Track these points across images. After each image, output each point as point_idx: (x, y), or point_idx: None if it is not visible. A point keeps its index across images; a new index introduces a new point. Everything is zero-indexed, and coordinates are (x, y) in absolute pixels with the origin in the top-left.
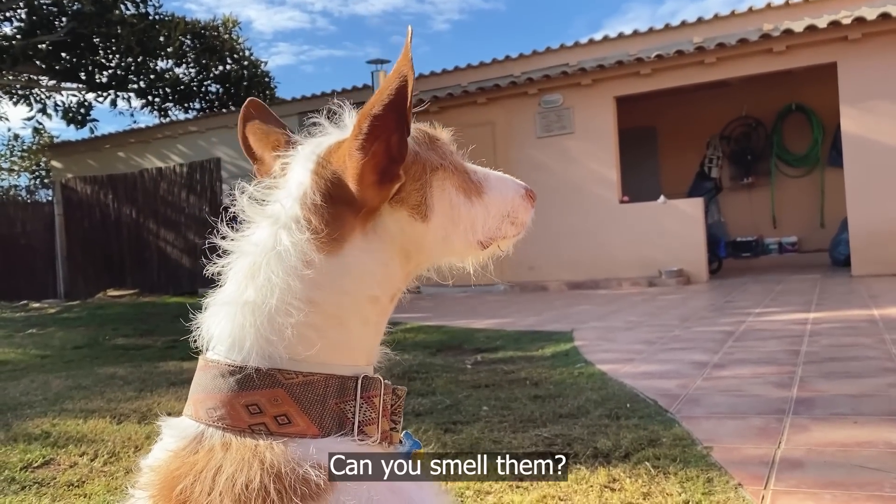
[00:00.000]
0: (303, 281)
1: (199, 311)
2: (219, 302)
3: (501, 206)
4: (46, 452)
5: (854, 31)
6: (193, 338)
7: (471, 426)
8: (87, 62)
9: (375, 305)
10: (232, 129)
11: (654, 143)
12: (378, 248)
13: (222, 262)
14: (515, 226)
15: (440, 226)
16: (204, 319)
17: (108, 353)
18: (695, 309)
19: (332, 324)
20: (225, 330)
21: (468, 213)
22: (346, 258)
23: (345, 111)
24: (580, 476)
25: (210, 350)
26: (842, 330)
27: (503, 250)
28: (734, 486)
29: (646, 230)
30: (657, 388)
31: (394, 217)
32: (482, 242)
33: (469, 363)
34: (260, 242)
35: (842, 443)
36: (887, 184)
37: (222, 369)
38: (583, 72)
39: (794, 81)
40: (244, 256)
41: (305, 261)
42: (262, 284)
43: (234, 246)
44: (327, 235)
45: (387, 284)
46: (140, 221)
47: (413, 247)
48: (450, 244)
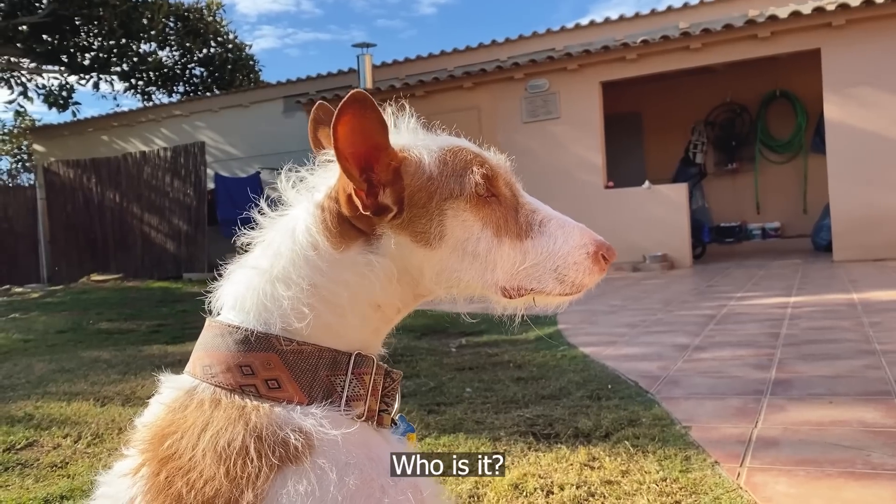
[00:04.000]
0: (307, 261)
1: (183, 296)
2: (235, 268)
3: (547, 257)
4: (30, 434)
5: (838, 17)
6: (207, 301)
7: (454, 407)
8: (68, 44)
9: (377, 312)
10: (217, 113)
11: (639, 128)
12: (379, 261)
13: (254, 234)
14: (564, 284)
15: (448, 257)
16: (221, 284)
17: (91, 337)
18: (677, 293)
19: (328, 309)
20: (231, 291)
21: (490, 252)
22: (349, 257)
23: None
24: (560, 455)
25: (218, 312)
26: (821, 313)
27: (542, 306)
28: (711, 463)
29: (630, 215)
30: (638, 369)
31: (396, 239)
32: (506, 289)
33: (453, 346)
34: (285, 222)
35: (817, 422)
36: (869, 170)
37: (223, 329)
38: (569, 57)
39: (778, 68)
40: (270, 231)
41: (312, 243)
42: (272, 254)
43: (266, 221)
44: (338, 232)
45: (390, 297)
46: (124, 206)
47: (415, 270)
48: (459, 278)
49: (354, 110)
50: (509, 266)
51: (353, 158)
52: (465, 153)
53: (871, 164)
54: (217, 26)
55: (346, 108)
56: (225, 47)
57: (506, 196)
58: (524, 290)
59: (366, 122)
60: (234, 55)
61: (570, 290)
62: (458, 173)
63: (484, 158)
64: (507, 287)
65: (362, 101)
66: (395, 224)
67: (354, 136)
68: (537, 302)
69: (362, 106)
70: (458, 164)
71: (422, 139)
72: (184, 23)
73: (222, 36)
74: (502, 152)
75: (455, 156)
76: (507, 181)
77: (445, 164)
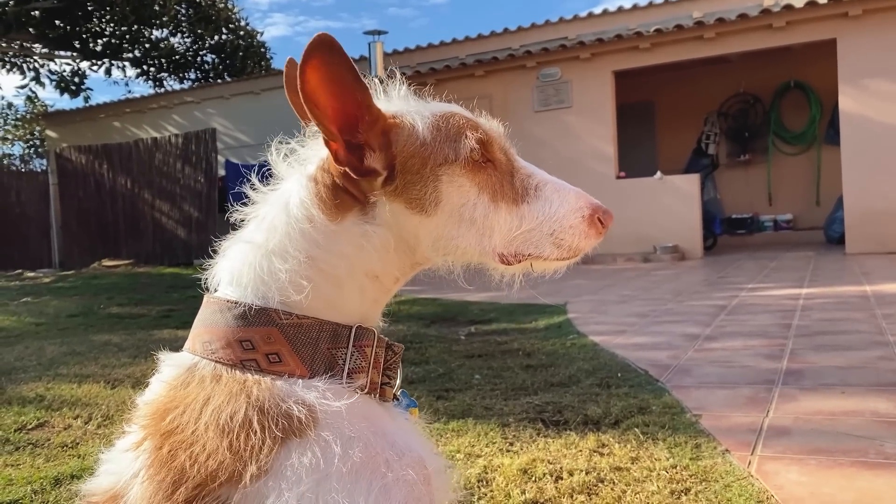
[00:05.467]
0: (303, 234)
1: (195, 281)
2: (230, 243)
3: (544, 221)
4: (41, 415)
5: (855, 7)
6: (204, 278)
7: (463, 393)
8: (81, 30)
9: (374, 282)
10: (228, 100)
11: (651, 118)
12: (375, 230)
13: (247, 209)
14: (561, 249)
15: (444, 223)
16: (217, 261)
17: (102, 321)
18: (688, 284)
19: (327, 281)
20: (227, 266)
21: (487, 218)
22: (345, 228)
23: (394, 85)
24: (570, 441)
25: (216, 289)
26: (834, 305)
27: (540, 272)
28: (722, 451)
29: (642, 206)
30: (648, 358)
31: (390, 207)
32: (504, 255)
33: (463, 334)
34: (278, 195)
35: (829, 412)
36: (883, 163)
37: (221, 304)
38: (581, 45)
39: (792, 58)
40: (264, 206)
41: (308, 216)
42: (266, 228)
43: (259, 196)
44: (333, 204)
45: (387, 266)
46: (135, 192)
47: (411, 238)
48: (456, 245)
49: (322, 54)
50: (506, 231)
51: (333, 113)
52: (458, 118)
53: (886, 157)
54: (229, 13)
55: (313, 50)
56: (236, 34)
57: (501, 161)
58: (522, 256)
59: (335, 69)
60: (245, 42)
61: (567, 254)
62: (453, 138)
63: (477, 123)
64: (505, 253)
65: (329, 45)
66: (389, 191)
67: (327, 86)
68: (535, 267)
69: (329, 49)
70: (451, 129)
71: (414, 105)
72: (195, 9)
73: (234, 23)
74: (514, 141)
75: (448, 121)
76: (501, 146)
77: (439, 129)
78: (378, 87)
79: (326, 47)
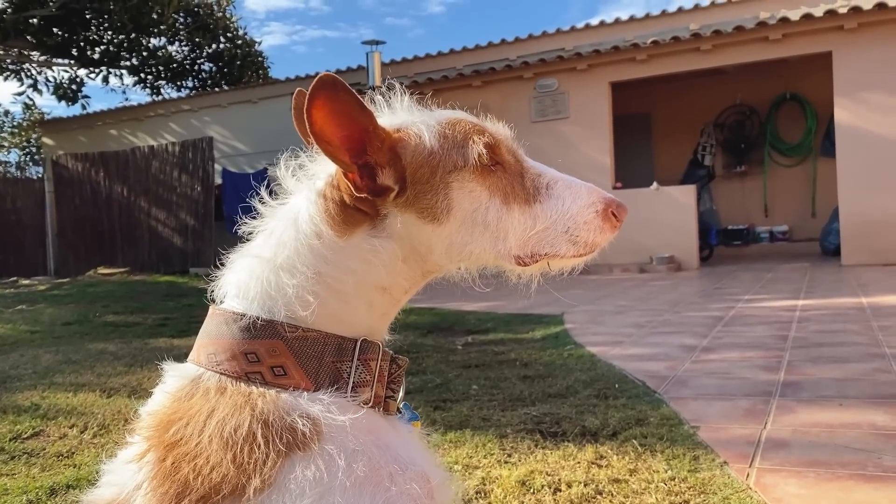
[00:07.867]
0: (312, 250)
1: (189, 291)
2: (238, 256)
3: (558, 219)
4: (36, 424)
5: (850, 20)
6: (211, 289)
7: (460, 404)
8: (79, 38)
9: (384, 295)
10: (225, 108)
11: (648, 129)
12: (385, 244)
13: (256, 223)
14: (577, 245)
15: (457, 230)
16: (223, 273)
17: (98, 329)
18: (685, 294)
19: (334, 296)
20: (234, 279)
21: (501, 221)
22: (354, 244)
23: (397, 97)
24: (568, 452)
25: (222, 301)
26: (830, 317)
27: (556, 270)
28: (720, 463)
29: (638, 217)
30: (646, 369)
31: (402, 218)
32: (520, 257)
33: (460, 344)
34: (287, 210)
35: (827, 424)
36: (879, 175)
37: (227, 316)
38: (578, 56)
39: (788, 70)
40: (272, 220)
41: (316, 232)
42: (275, 243)
43: (268, 210)
44: (342, 220)
45: (397, 278)
46: (131, 200)
47: (423, 248)
48: (471, 251)
49: (326, 94)
50: (521, 232)
51: (341, 142)
52: (463, 124)
53: (881, 169)
54: (226, 22)
55: (317, 92)
56: (234, 43)
57: (509, 163)
58: (538, 256)
59: (340, 105)
60: (243, 51)
61: (584, 250)
62: (460, 145)
63: (483, 128)
64: (521, 255)
65: (332, 83)
66: (400, 203)
67: (333, 120)
68: (552, 266)
69: (333, 88)
70: (458, 135)
71: (418, 116)
72: (193, 18)
73: (231, 32)
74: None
75: (454, 128)
76: (509, 148)
77: (445, 137)
78: (381, 101)
79: (329, 85)
